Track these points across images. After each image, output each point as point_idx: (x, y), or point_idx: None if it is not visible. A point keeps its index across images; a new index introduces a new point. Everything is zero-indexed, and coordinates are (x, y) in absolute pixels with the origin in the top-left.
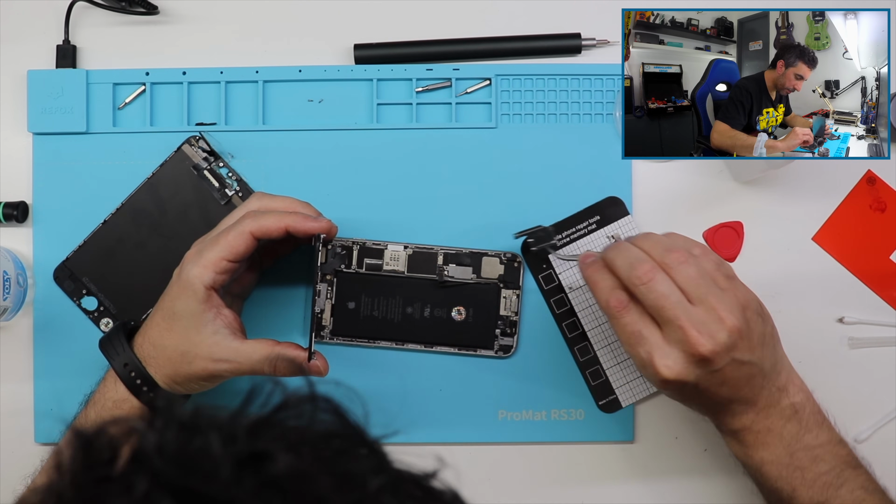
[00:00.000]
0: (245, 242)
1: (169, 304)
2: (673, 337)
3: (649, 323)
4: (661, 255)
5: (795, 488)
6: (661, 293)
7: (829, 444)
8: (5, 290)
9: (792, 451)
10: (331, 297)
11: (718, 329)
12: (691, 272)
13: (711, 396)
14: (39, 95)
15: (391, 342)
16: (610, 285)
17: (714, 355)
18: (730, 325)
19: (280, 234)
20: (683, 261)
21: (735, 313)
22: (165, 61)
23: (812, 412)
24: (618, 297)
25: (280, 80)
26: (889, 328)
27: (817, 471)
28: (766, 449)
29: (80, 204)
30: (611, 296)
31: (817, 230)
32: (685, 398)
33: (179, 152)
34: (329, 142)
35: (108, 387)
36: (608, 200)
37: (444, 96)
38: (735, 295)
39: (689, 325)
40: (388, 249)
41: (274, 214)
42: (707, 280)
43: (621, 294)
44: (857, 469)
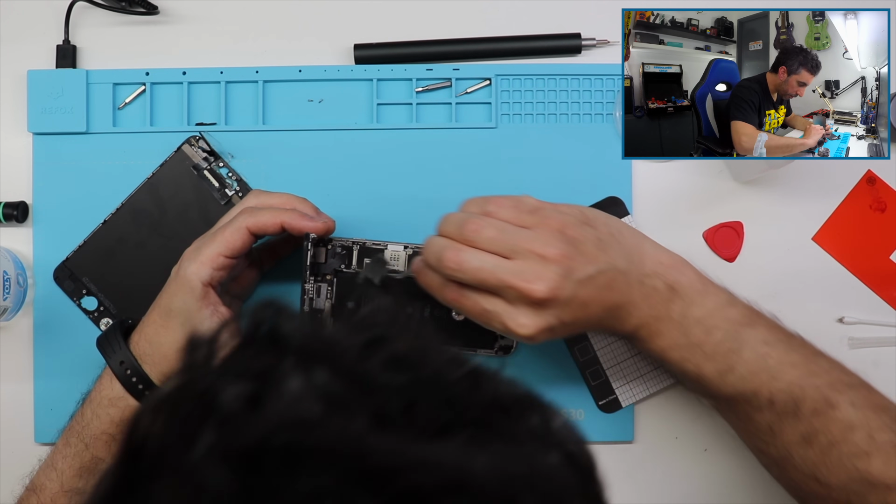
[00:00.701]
0: (242, 238)
1: (166, 302)
2: (511, 296)
3: (488, 296)
4: (458, 233)
5: (700, 365)
6: (475, 268)
7: (717, 309)
8: (5, 290)
9: (684, 329)
10: (331, 297)
11: (543, 267)
12: (491, 233)
13: (587, 319)
14: (39, 95)
15: None
16: (439, 283)
17: (554, 292)
18: (552, 256)
19: (276, 229)
20: (479, 227)
21: (552, 243)
22: (165, 61)
23: (691, 283)
24: (450, 290)
25: (280, 80)
26: (889, 328)
27: (714, 341)
28: (661, 337)
29: (80, 204)
30: (444, 292)
31: (817, 230)
32: (567, 332)
33: (179, 152)
34: (329, 142)
35: (105, 385)
36: (608, 200)
37: (444, 96)
38: (546, 224)
39: (516, 279)
40: (387, 249)
41: (271, 211)
42: (511, 231)
43: (451, 286)
44: (755, 326)
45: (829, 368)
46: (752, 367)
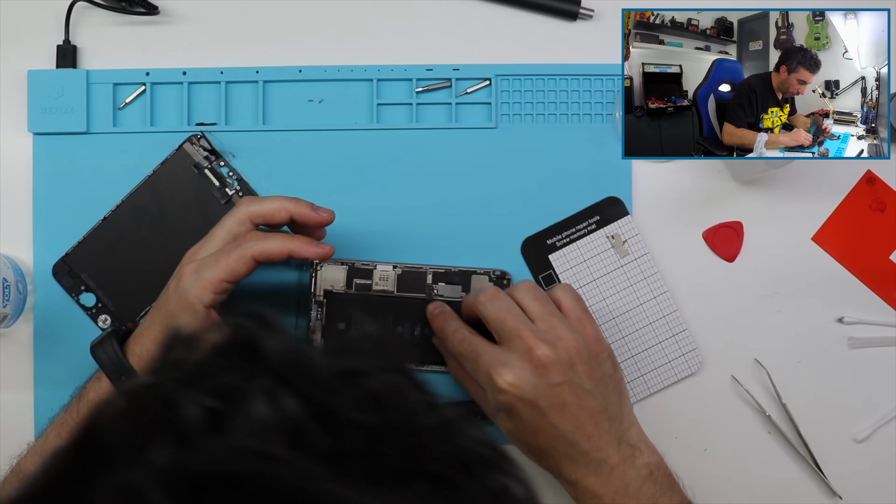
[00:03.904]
0: (246, 266)
1: (169, 320)
2: (512, 347)
3: (489, 344)
4: (510, 291)
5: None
6: (502, 307)
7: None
8: (5, 297)
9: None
10: (321, 318)
11: (557, 340)
12: (538, 294)
13: (556, 426)
14: (39, 95)
15: None
16: (454, 327)
17: (551, 362)
18: (569, 341)
19: (283, 258)
20: (530, 289)
21: (576, 335)
22: (165, 61)
23: (665, 474)
24: (461, 334)
25: (280, 80)
26: (889, 328)
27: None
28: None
29: (80, 204)
30: (455, 335)
31: (817, 230)
32: (530, 429)
33: (180, 150)
34: (329, 142)
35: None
36: (608, 200)
37: (444, 96)
38: (584, 325)
39: (528, 333)
40: (377, 269)
41: (277, 239)
42: (552, 307)
43: (464, 331)
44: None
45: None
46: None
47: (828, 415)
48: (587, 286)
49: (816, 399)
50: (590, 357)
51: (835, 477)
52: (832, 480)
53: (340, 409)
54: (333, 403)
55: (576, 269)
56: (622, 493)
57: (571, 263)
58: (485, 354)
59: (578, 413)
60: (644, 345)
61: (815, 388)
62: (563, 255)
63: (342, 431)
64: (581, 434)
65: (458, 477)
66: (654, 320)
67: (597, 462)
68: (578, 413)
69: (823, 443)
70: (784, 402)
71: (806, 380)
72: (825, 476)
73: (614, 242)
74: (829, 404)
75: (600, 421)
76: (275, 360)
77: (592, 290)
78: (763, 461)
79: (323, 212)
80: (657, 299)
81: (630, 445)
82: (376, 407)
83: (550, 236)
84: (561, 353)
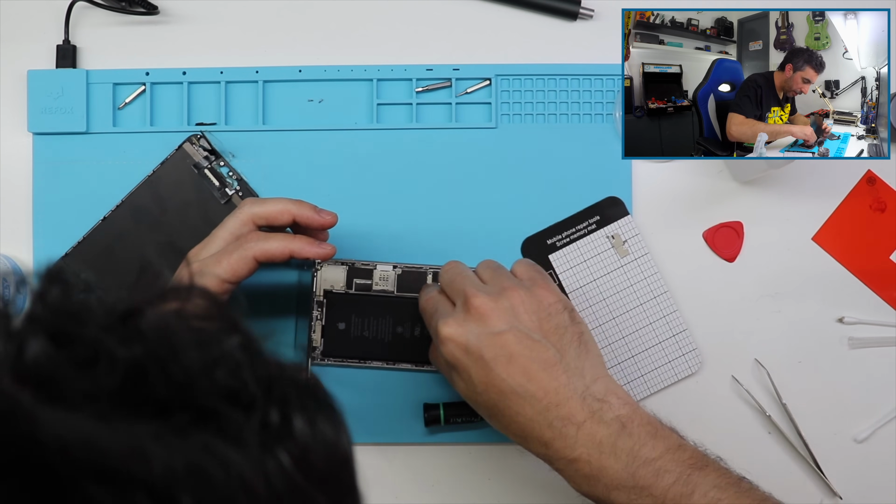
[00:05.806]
0: (248, 266)
1: None
2: (458, 301)
3: (447, 302)
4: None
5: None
6: (455, 272)
7: (668, 452)
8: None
9: (632, 470)
10: (321, 319)
11: (498, 291)
12: (493, 265)
13: (504, 379)
14: (39, 95)
15: (382, 362)
16: (428, 292)
17: (489, 309)
18: (511, 290)
19: (284, 259)
20: (489, 262)
21: (522, 287)
22: (165, 61)
23: (642, 423)
24: (428, 293)
25: (280, 80)
26: (889, 328)
27: (664, 485)
28: (605, 474)
29: (80, 204)
30: (423, 295)
31: (817, 230)
32: (480, 385)
33: (180, 150)
34: (329, 142)
35: None
36: (608, 200)
37: (444, 96)
38: (535, 283)
39: (472, 287)
40: (377, 269)
41: (279, 239)
42: (505, 272)
43: (432, 291)
44: (705, 469)
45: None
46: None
47: (828, 415)
48: (587, 286)
49: (816, 399)
50: (538, 307)
51: (835, 477)
52: (832, 480)
53: (103, 344)
54: (92, 339)
55: (576, 270)
56: (597, 452)
57: (571, 263)
58: (439, 311)
59: (529, 364)
60: (644, 345)
61: (815, 388)
62: (564, 255)
63: (97, 365)
64: (534, 386)
65: (227, 411)
66: (654, 320)
67: (560, 420)
68: (529, 364)
69: (823, 443)
70: (784, 402)
71: (806, 380)
72: (825, 476)
73: (614, 242)
74: (830, 404)
75: (556, 373)
76: (48, 308)
77: (592, 290)
78: (763, 461)
79: (326, 214)
80: (657, 299)
81: (597, 399)
82: (145, 339)
83: (550, 236)
84: (502, 302)
